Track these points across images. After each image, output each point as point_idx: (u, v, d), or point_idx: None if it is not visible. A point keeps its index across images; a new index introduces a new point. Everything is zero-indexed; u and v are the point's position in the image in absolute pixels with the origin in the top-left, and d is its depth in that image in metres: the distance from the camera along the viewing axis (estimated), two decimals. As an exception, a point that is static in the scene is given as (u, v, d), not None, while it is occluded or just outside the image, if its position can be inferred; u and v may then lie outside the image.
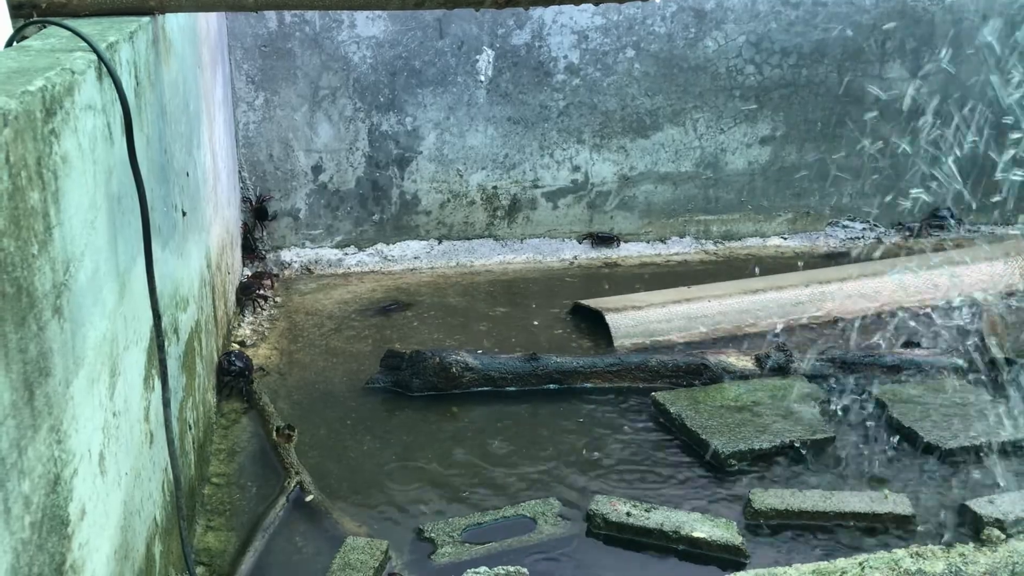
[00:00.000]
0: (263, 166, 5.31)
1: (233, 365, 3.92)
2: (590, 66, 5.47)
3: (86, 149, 1.92)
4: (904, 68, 5.75)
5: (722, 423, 3.69)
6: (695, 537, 3.03)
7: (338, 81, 5.24)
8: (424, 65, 5.29)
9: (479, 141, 5.50)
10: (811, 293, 4.89)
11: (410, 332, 4.67)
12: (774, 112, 5.76)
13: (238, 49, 5.08)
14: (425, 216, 5.58)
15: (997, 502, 3.19)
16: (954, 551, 2.79)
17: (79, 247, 1.85)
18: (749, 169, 5.87)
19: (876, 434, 3.72)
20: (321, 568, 2.89)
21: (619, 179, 5.74)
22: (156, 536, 2.49)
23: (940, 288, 4.93)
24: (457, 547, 3.04)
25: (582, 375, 4.12)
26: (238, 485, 3.39)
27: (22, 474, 1.49)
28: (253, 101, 5.18)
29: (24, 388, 1.51)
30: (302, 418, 3.82)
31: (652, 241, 5.89)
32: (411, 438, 3.73)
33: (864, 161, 5.90)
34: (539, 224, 5.74)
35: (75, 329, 1.80)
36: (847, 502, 3.22)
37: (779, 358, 4.16)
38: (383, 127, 5.36)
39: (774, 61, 5.65)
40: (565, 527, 3.16)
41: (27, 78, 1.68)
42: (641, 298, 4.82)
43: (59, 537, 1.66)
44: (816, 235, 6.06)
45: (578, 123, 5.57)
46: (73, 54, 1.97)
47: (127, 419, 2.22)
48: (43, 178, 1.63)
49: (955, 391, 3.94)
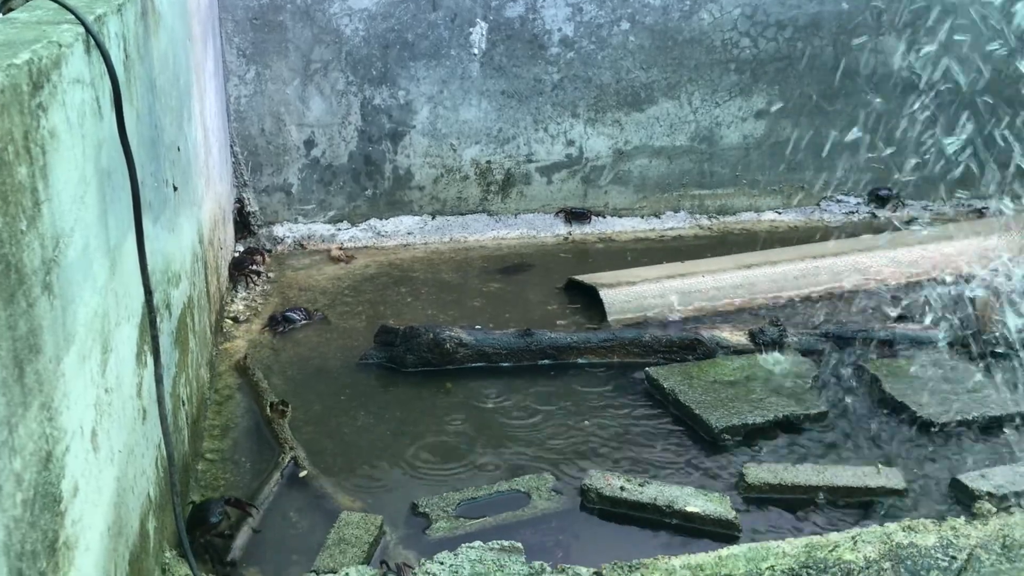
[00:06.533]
0: (255, 140, 5.27)
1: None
2: (584, 39, 5.43)
3: (74, 123, 1.90)
4: (900, 41, 5.71)
5: (715, 398, 3.70)
6: (689, 511, 3.04)
7: (330, 54, 5.19)
8: (417, 38, 5.24)
9: (473, 115, 5.46)
10: (805, 268, 4.88)
11: (404, 308, 4.66)
12: (769, 86, 5.73)
13: (229, 22, 5.02)
14: (418, 191, 5.56)
15: (988, 476, 3.21)
16: (946, 524, 2.80)
17: (68, 223, 1.83)
18: (744, 143, 5.84)
19: (869, 408, 3.74)
20: (316, 543, 2.89)
21: (613, 153, 5.71)
22: (150, 512, 2.49)
23: (933, 262, 4.94)
24: (451, 522, 3.05)
25: (576, 350, 4.11)
26: (232, 461, 3.39)
27: (13, 452, 1.48)
28: (244, 75, 5.13)
29: (14, 365, 1.50)
30: (296, 394, 3.82)
31: (647, 216, 5.87)
32: (405, 414, 3.73)
33: (859, 135, 5.88)
34: (533, 199, 5.72)
35: (65, 306, 1.79)
36: (840, 476, 3.23)
37: (773, 333, 4.17)
38: (376, 101, 5.32)
39: (769, 34, 5.62)
40: (559, 502, 3.17)
41: (13, 51, 1.65)
42: (635, 273, 4.82)
43: (52, 514, 1.66)
44: (811, 210, 6.05)
45: (572, 97, 5.54)
46: (60, 26, 1.94)
47: (119, 396, 2.21)
48: (31, 153, 1.61)
49: (948, 366, 3.95)
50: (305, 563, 2.82)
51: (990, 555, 2.69)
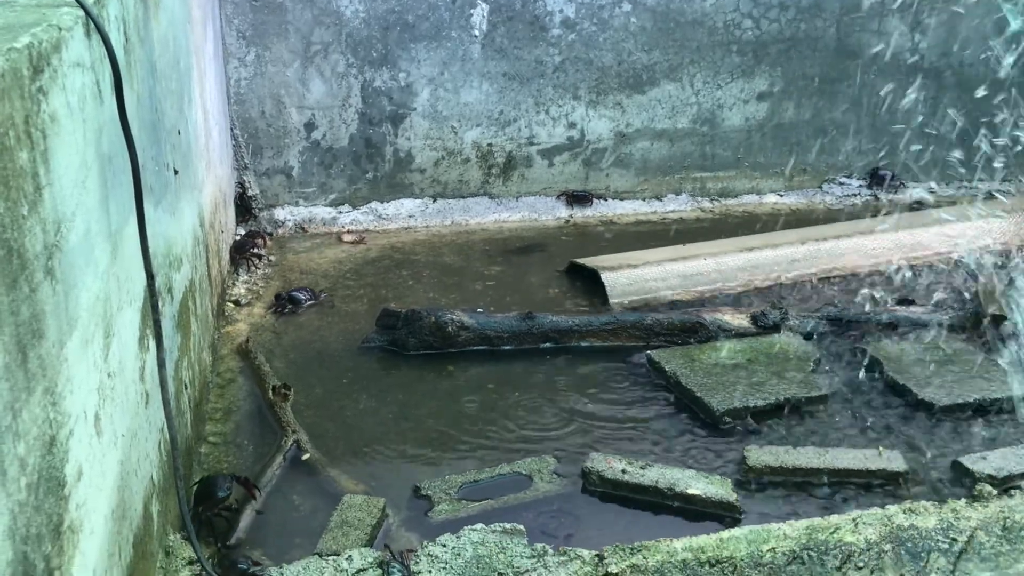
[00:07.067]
0: (255, 123, 5.25)
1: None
2: (586, 20, 5.40)
3: (75, 107, 1.89)
4: (903, 23, 5.68)
5: (717, 381, 3.70)
6: (690, 494, 3.05)
7: (330, 36, 5.16)
8: (417, 19, 5.21)
9: (474, 97, 5.44)
10: (807, 251, 4.88)
11: (405, 291, 4.66)
12: (771, 67, 5.70)
13: (228, 3, 4.99)
14: (419, 174, 5.54)
15: (989, 458, 3.22)
16: (946, 507, 2.81)
17: (70, 207, 1.82)
18: (746, 125, 5.82)
19: (870, 391, 3.74)
20: (319, 526, 2.91)
21: (615, 136, 5.69)
22: (153, 496, 2.50)
23: (935, 244, 4.93)
24: (454, 504, 3.06)
25: (578, 334, 4.12)
26: (235, 444, 3.40)
27: (17, 436, 1.48)
28: (244, 57, 5.11)
29: (17, 350, 1.50)
30: (298, 377, 3.82)
31: (648, 199, 5.86)
32: (407, 397, 3.73)
33: (861, 117, 5.86)
34: (535, 182, 5.71)
35: (68, 290, 1.79)
36: (841, 459, 3.24)
37: (775, 316, 4.17)
38: (376, 83, 5.30)
39: (772, 15, 5.58)
40: (561, 484, 3.18)
41: (13, 34, 1.65)
42: (637, 256, 4.81)
43: (56, 498, 1.66)
44: (813, 192, 6.03)
45: (574, 79, 5.51)
46: (60, 10, 1.93)
47: (122, 380, 2.21)
48: (31, 137, 1.61)
49: (950, 348, 3.95)
50: (308, 546, 2.83)
51: (991, 537, 2.70)
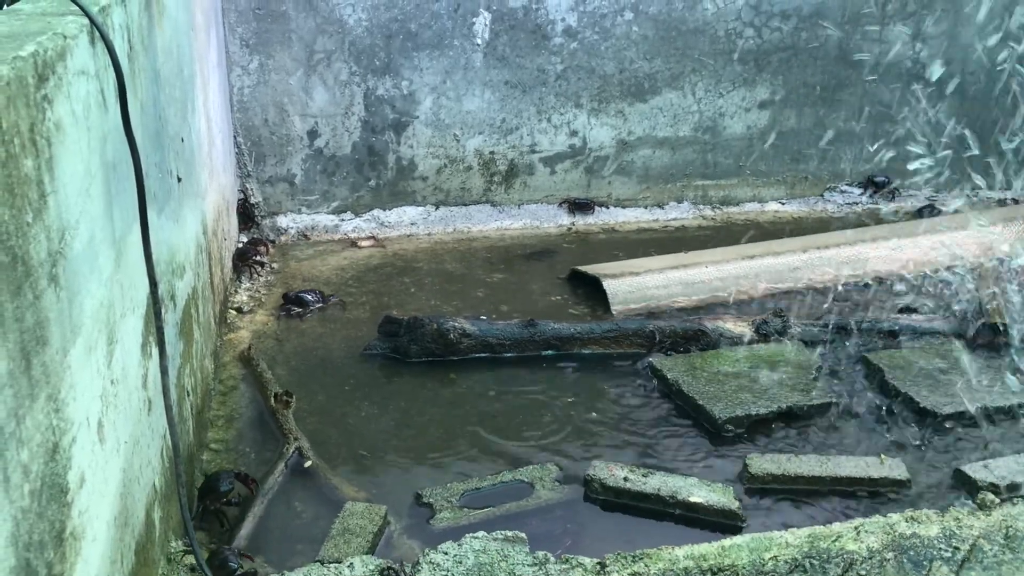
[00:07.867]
0: (258, 131, 5.26)
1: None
2: (588, 29, 5.41)
3: (80, 115, 1.90)
4: (905, 30, 5.69)
5: (719, 389, 3.70)
6: (692, 502, 3.05)
7: (333, 44, 5.18)
8: (420, 28, 5.23)
9: (476, 106, 5.45)
10: (808, 259, 4.88)
11: (407, 298, 4.66)
12: (773, 76, 5.71)
13: (231, 11, 5.01)
14: (422, 182, 5.55)
15: (992, 466, 3.22)
16: (949, 515, 2.81)
17: (74, 215, 1.83)
18: (748, 134, 5.83)
19: (872, 399, 3.74)
20: (320, 533, 2.90)
21: (617, 144, 5.70)
22: (156, 502, 2.50)
23: (937, 254, 4.93)
24: (455, 512, 3.05)
25: (579, 341, 4.12)
26: (237, 451, 3.40)
27: (20, 443, 1.49)
28: (247, 65, 5.12)
29: (21, 357, 1.50)
30: (300, 384, 3.82)
31: (650, 207, 5.87)
32: (409, 404, 3.73)
33: (863, 126, 5.87)
34: (536, 189, 5.71)
35: (72, 297, 1.79)
36: (843, 467, 3.24)
37: (776, 324, 4.16)
38: (379, 91, 5.31)
39: (773, 24, 5.60)
40: (563, 492, 3.18)
41: (18, 43, 1.65)
42: (639, 264, 4.82)
43: (59, 505, 1.66)
44: (814, 200, 6.04)
45: (576, 87, 5.53)
46: (65, 18, 1.94)
47: (125, 387, 2.22)
48: (36, 145, 1.61)
49: (952, 356, 3.95)
50: (310, 553, 2.83)
51: (993, 546, 2.69)
